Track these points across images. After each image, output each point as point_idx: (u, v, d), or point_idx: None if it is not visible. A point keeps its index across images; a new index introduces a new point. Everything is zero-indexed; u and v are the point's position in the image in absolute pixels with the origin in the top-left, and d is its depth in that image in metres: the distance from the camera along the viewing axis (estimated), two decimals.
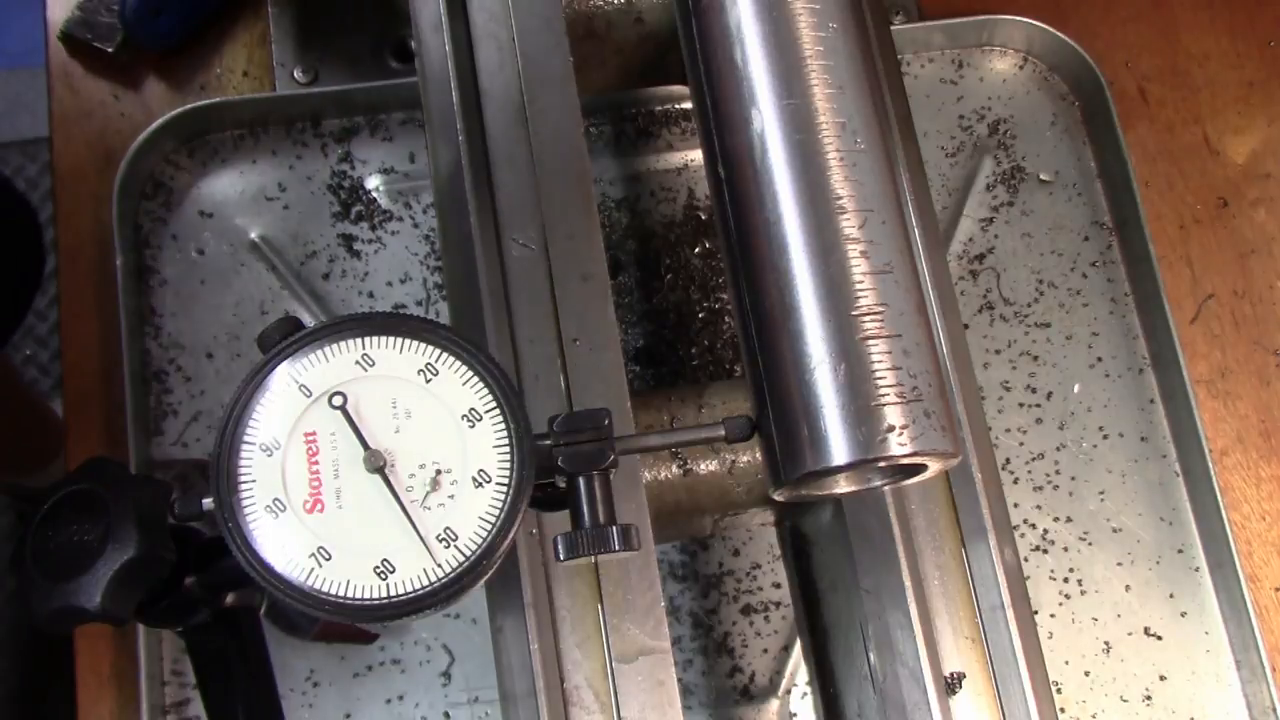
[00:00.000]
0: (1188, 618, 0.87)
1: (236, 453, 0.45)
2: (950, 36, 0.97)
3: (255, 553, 0.44)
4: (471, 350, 0.47)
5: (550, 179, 0.68)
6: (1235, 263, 0.94)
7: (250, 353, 0.86)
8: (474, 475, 0.46)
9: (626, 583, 0.63)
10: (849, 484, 0.53)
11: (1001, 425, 0.90)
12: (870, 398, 0.47)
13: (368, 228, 0.91)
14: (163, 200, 0.90)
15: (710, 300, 0.91)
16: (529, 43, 0.71)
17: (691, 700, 0.83)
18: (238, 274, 0.89)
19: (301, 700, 0.81)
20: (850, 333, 0.48)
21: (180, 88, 0.93)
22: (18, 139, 2.07)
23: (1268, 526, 0.89)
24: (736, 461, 0.72)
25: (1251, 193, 0.96)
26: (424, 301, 0.90)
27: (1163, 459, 0.90)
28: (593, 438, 0.49)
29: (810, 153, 0.50)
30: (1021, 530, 0.87)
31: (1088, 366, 0.91)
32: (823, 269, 0.49)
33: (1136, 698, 0.85)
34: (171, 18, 0.92)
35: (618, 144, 0.94)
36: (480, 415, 0.47)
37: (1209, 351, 0.93)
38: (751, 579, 0.86)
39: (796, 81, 0.51)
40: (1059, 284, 0.93)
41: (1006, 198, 0.95)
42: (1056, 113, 0.97)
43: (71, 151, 0.91)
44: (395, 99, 0.92)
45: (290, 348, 0.47)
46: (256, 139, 0.92)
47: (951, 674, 0.65)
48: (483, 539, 0.45)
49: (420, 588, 0.45)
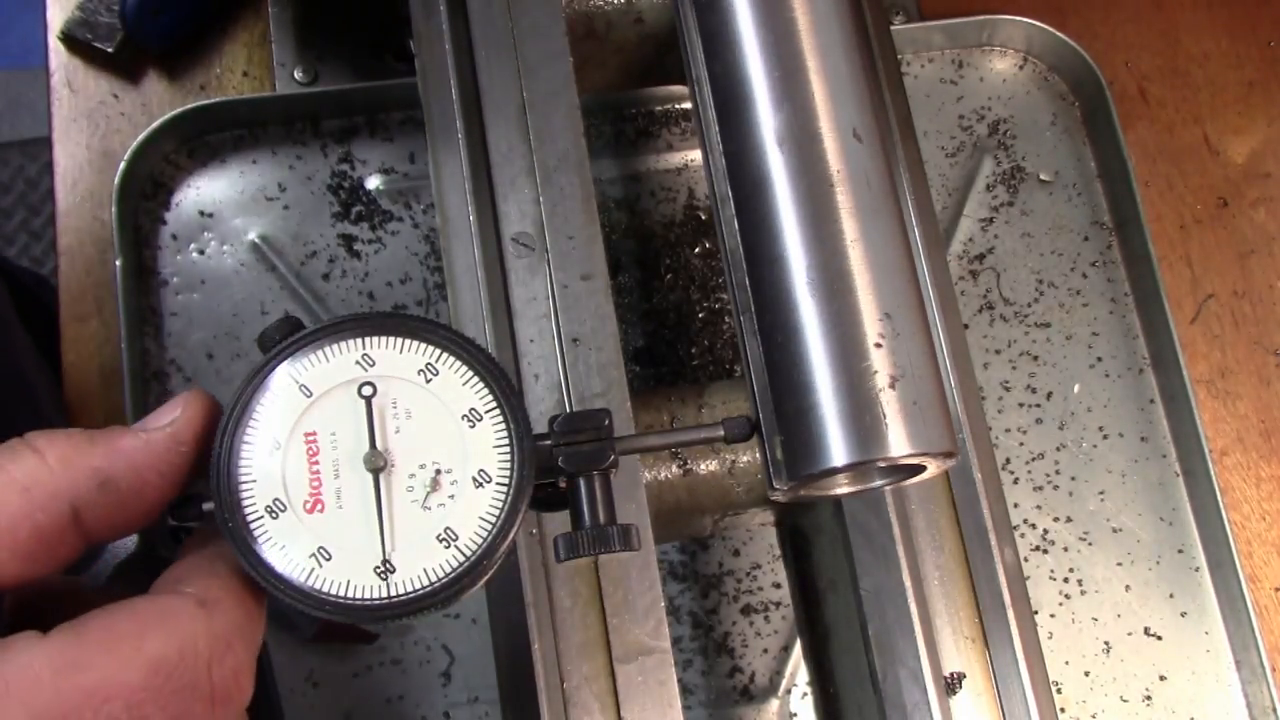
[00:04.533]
0: (1188, 618, 0.87)
1: (236, 453, 0.45)
2: (950, 36, 0.97)
3: (255, 553, 0.44)
4: (471, 350, 0.47)
5: (550, 179, 0.68)
6: (1235, 263, 0.94)
7: (250, 353, 0.86)
8: (474, 475, 0.46)
9: (626, 583, 0.63)
10: (849, 485, 0.53)
11: (1001, 425, 0.90)
12: (869, 398, 0.47)
13: (368, 228, 0.91)
14: (163, 200, 0.90)
15: (710, 300, 0.91)
16: (529, 43, 0.71)
17: (691, 700, 0.83)
18: (238, 274, 0.89)
19: (301, 700, 0.81)
20: (850, 333, 0.48)
21: (180, 88, 0.93)
22: (18, 139, 2.07)
23: (1268, 526, 0.89)
24: (736, 461, 0.71)
25: (1251, 193, 0.96)
26: (424, 301, 0.90)
27: (1163, 459, 0.90)
28: (593, 438, 0.49)
29: (810, 153, 0.50)
30: (1021, 530, 0.87)
31: (1088, 366, 0.91)
32: (822, 269, 0.49)
33: (1136, 698, 0.85)
34: (171, 17, 0.92)
35: (618, 144, 0.94)
36: (480, 415, 0.47)
37: (1209, 351, 0.93)
38: (751, 579, 0.86)
39: (796, 82, 0.51)
40: (1059, 284, 0.93)
41: (1006, 198, 0.95)
42: (1056, 113, 0.97)
43: (71, 151, 0.91)
44: (395, 99, 0.92)
45: (290, 348, 0.47)
46: (256, 139, 0.92)
47: (951, 674, 0.65)
48: (483, 539, 0.45)
49: (420, 588, 0.45)
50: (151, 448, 0.44)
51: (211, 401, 0.46)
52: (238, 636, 0.43)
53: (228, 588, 0.44)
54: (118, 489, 0.43)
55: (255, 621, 0.45)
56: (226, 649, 0.42)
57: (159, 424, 0.45)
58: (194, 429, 0.45)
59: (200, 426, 0.45)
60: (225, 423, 0.45)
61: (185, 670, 0.41)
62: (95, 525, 0.44)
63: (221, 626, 0.42)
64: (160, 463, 0.44)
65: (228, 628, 0.43)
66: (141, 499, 0.44)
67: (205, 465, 0.45)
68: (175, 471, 0.45)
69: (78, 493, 0.43)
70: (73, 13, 0.92)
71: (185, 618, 0.42)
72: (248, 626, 0.44)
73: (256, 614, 0.45)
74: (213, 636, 0.42)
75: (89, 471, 0.43)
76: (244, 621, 0.44)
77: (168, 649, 0.41)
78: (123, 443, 0.44)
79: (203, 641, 0.42)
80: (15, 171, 2.06)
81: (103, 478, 0.43)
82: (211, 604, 0.43)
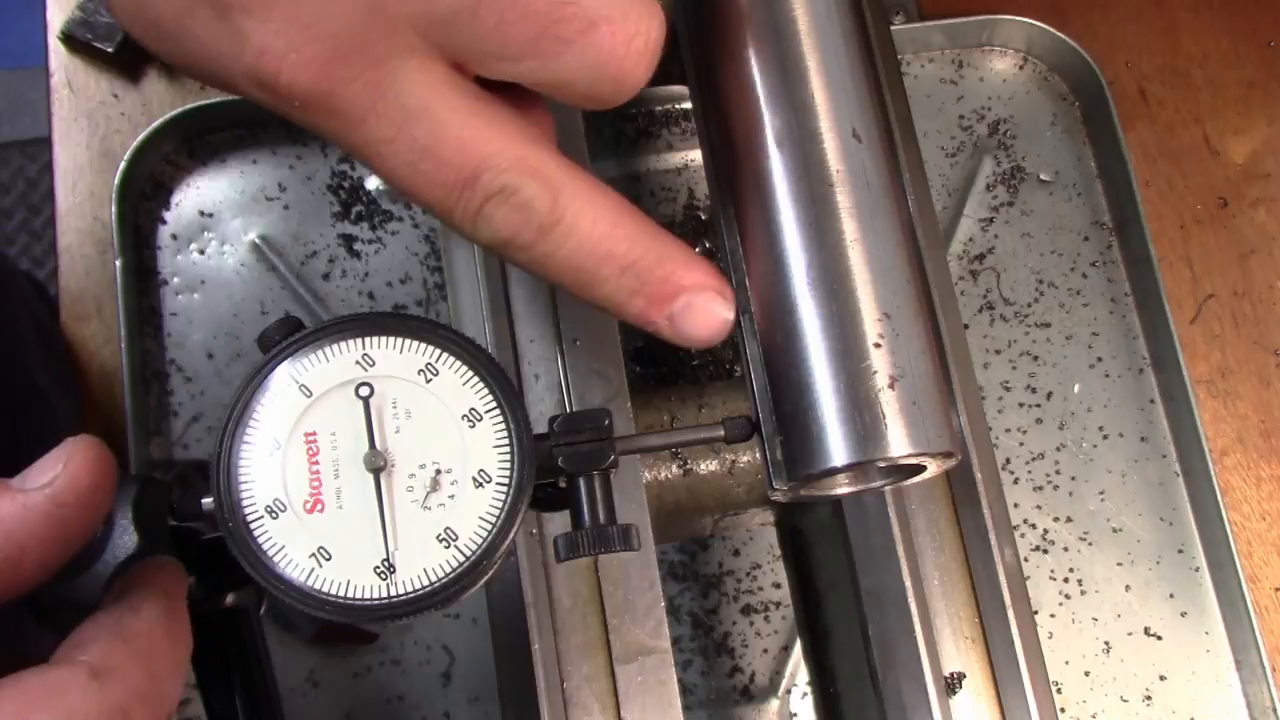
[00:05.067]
0: (1188, 618, 0.87)
1: (236, 453, 0.45)
2: (950, 36, 0.97)
3: (255, 553, 0.44)
4: (471, 350, 0.47)
5: None
6: (1235, 263, 0.94)
7: (250, 353, 0.86)
8: (474, 475, 0.46)
9: (626, 583, 0.63)
10: (849, 484, 0.53)
11: (1001, 425, 0.90)
12: (869, 398, 0.47)
13: (368, 228, 0.91)
14: (163, 200, 0.90)
15: None
16: None
17: (691, 700, 0.83)
18: (238, 274, 0.89)
19: (301, 700, 0.81)
20: (849, 332, 0.48)
21: (180, 88, 0.93)
22: (18, 139, 2.08)
23: (1268, 526, 0.89)
24: (736, 461, 0.72)
25: (1251, 193, 0.96)
26: (424, 301, 0.90)
27: (1163, 459, 0.90)
28: (593, 438, 0.49)
29: (810, 153, 0.50)
30: (1021, 530, 0.87)
31: (1088, 366, 0.91)
32: (822, 268, 0.49)
33: (1136, 698, 0.85)
34: None
35: (618, 144, 0.94)
36: (480, 415, 0.47)
37: (1209, 351, 0.93)
38: (751, 579, 0.86)
39: (796, 82, 0.51)
40: (1059, 284, 0.93)
41: (1006, 198, 0.95)
42: (1056, 113, 0.97)
43: (71, 151, 0.91)
44: None
45: (290, 348, 0.47)
46: (256, 139, 0.92)
47: (951, 674, 0.65)
48: (483, 539, 0.45)
49: (420, 588, 0.45)
50: (28, 513, 0.41)
51: (101, 455, 0.42)
52: (138, 705, 0.40)
53: (133, 650, 0.41)
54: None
55: (163, 683, 0.42)
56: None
57: (37, 483, 0.41)
58: (76, 488, 0.41)
59: (86, 485, 0.41)
60: (225, 423, 0.45)
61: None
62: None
63: (116, 697, 0.40)
64: (38, 529, 0.41)
65: (124, 696, 0.40)
66: (18, 568, 0.41)
67: (99, 522, 0.43)
68: (55, 537, 0.41)
69: None
70: (73, 13, 0.92)
71: (75, 692, 0.39)
72: (151, 690, 0.41)
73: (169, 674, 0.43)
74: (105, 710, 0.39)
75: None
76: (146, 687, 0.41)
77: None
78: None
79: (93, 716, 0.39)
80: (15, 171, 2.06)
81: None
82: (106, 673, 0.40)
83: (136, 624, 0.42)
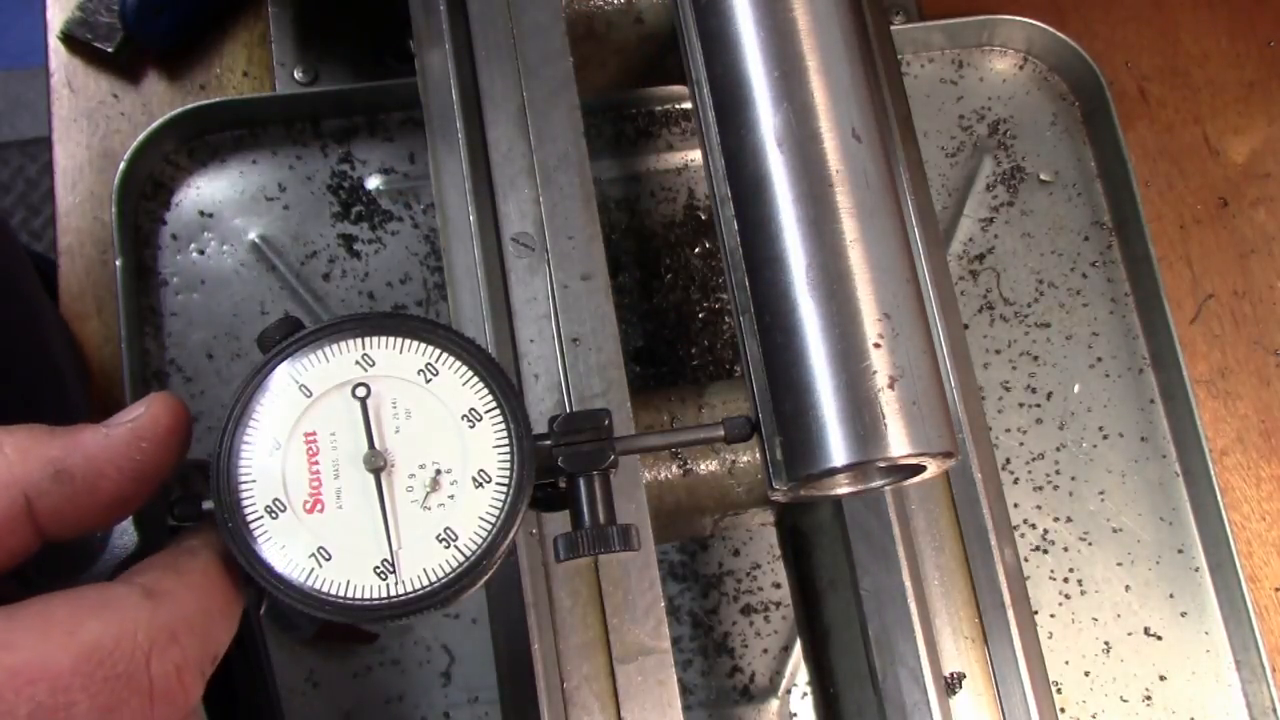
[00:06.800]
0: (1188, 618, 0.87)
1: (236, 453, 0.45)
2: (950, 36, 0.97)
3: (255, 553, 0.44)
4: (471, 350, 0.47)
5: (550, 179, 0.68)
6: (1235, 263, 0.94)
7: (250, 353, 0.86)
8: (474, 475, 0.46)
9: (626, 583, 0.63)
10: (849, 485, 0.53)
11: (1001, 425, 0.90)
12: (869, 398, 0.47)
13: (368, 228, 0.91)
14: (163, 200, 0.90)
15: (710, 300, 0.91)
16: (529, 43, 0.71)
17: (691, 700, 0.83)
18: (238, 274, 0.89)
19: (301, 700, 0.81)
20: (849, 333, 0.48)
21: (180, 88, 0.93)
22: (18, 139, 2.07)
23: (1268, 526, 0.89)
24: (736, 461, 0.71)
25: (1251, 193, 0.96)
26: (424, 301, 0.90)
27: (1163, 459, 0.90)
28: (593, 438, 0.49)
29: (810, 153, 0.50)
30: (1021, 530, 0.87)
31: (1088, 366, 0.91)
32: (822, 269, 0.49)
33: (1136, 698, 0.85)
34: (172, 17, 0.92)
35: (618, 144, 0.94)
36: (480, 415, 0.47)
37: (1209, 351, 0.93)
38: (751, 579, 0.86)
39: (796, 82, 0.51)
40: (1059, 284, 0.93)
41: (1006, 198, 0.95)
42: (1056, 113, 0.97)
43: (71, 151, 0.91)
44: (395, 99, 0.92)
45: (290, 348, 0.47)
46: (256, 139, 0.92)
47: (951, 674, 0.65)
48: (483, 539, 0.45)
49: (420, 588, 0.45)
50: (110, 442, 0.43)
51: (180, 405, 0.45)
52: (186, 631, 0.41)
53: (186, 582, 0.43)
54: (72, 481, 0.42)
55: (213, 620, 0.43)
56: (170, 642, 0.41)
57: (122, 420, 0.44)
58: (157, 426, 0.44)
59: (165, 425, 0.44)
60: (225, 423, 0.45)
61: (120, 659, 0.39)
62: (49, 518, 0.43)
63: (167, 618, 0.41)
64: (118, 457, 0.43)
65: (174, 621, 0.41)
66: (96, 493, 0.43)
67: (174, 466, 0.44)
68: (134, 467, 0.43)
69: (31, 482, 0.42)
70: (73, 13, 0.92)
71: (127, 606, 0.40)
72: (201, 624, 0.42)
73: (219, 613, 0.44)
74: (155, 628, 0.40)
75: (44, 462, 0.42)
76: (196, 617, 0.42)
77: (103, 636, 0.39)
78: (82, 436, 0.43)
79: (143, 632, 0.40)
80: (15, 171, 2.06)
81: (57, 469, 0.42)
82: (160, 595, 0.41)
83: (192, 562, 0.44)
